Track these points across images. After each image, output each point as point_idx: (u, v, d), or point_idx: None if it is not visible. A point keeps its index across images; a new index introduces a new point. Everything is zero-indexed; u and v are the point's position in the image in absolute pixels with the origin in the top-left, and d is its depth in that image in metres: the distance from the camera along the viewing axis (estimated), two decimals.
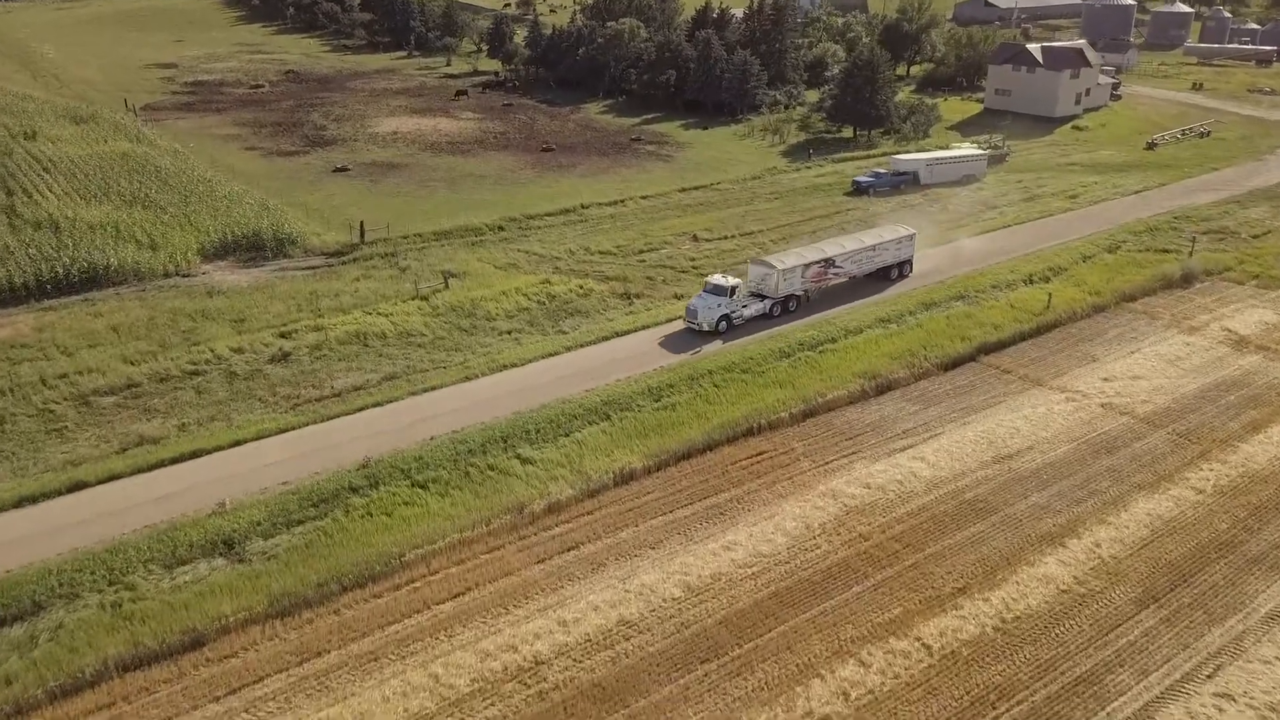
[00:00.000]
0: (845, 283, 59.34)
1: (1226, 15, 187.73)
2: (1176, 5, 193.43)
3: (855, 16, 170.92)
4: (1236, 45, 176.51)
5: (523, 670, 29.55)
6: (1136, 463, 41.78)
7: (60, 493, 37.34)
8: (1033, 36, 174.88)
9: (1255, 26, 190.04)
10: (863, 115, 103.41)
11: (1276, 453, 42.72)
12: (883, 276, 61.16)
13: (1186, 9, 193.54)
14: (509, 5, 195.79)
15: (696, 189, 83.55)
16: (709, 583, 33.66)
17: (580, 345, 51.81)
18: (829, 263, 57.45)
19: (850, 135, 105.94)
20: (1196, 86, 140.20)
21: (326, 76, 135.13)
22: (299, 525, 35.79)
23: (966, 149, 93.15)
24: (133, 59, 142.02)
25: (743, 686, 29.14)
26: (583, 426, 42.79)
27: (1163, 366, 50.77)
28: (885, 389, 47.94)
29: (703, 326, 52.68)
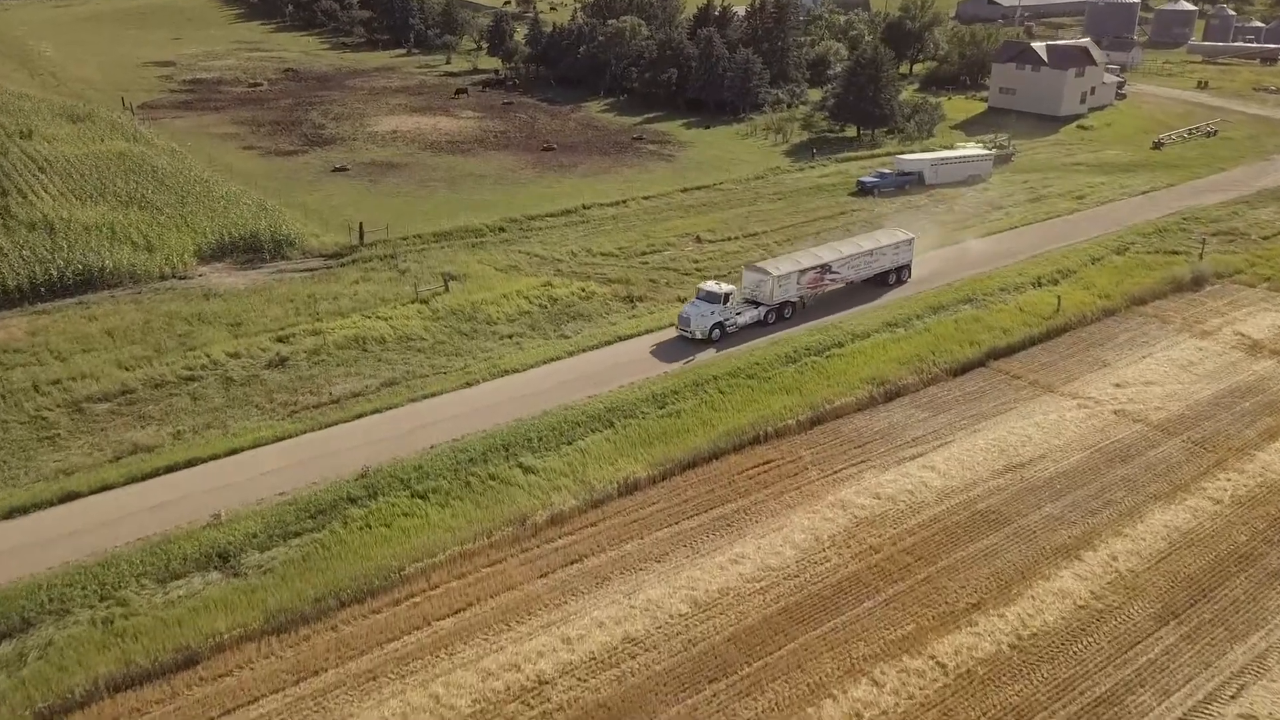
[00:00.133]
0: (842, 289, 58.26)
1: (1230, 13, 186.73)
2: (1180, 3, 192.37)
3: (857, 14, 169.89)
4: (1241, 43, 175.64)
5: (526, 690, 28.68)
6: (1151, 472, 40.88)
7: (52, 503, 36.50)
8: (1036, 34, 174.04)
9: (1259, 24, 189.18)
10: (866, 114, 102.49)
11: None
12: (881, 282, 59.91)
13: (1190, 7, 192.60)
14: (509, 3, 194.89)
15: (699, 189, 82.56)
16: (716, 598, 32.75)
17: (583, 350, 50.87)
18: (825, 268, 56.16)
19: (854, 134, 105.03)
20: (1201, 85, 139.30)
21: (325, 75, 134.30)
22: (296, 537, 34.90)
23: (972, 149, 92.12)
24: (131, 57, 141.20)
25: (752, 707, 28.24)
26: (586, 434, 41.86)
27: (1175, 372, 49.83)
28: (894, 395, 46.99)
29: (695, 334, 51.30)
